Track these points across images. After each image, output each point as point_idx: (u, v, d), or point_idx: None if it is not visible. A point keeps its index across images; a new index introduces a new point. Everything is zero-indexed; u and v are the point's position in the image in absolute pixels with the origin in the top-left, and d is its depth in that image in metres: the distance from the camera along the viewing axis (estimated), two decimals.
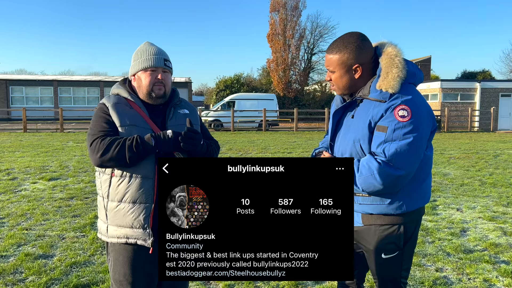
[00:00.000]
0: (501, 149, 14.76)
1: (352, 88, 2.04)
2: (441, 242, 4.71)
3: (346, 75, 2.00)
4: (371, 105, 1.94)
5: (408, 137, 1.84)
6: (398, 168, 1.84)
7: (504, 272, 3.85)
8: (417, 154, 1.88)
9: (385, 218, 1.99)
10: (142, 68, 2.14)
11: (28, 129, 21.99)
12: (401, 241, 2.00)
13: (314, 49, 42.59)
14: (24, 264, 3.95)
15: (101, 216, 2.18)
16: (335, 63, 2.00)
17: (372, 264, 2.09)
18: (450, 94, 28.58)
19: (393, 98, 1.88)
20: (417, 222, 2.07)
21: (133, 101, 2.15)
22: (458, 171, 9.74)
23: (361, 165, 1.90)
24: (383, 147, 1.86)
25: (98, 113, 2.13)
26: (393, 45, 2.00)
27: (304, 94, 41.22)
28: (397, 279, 2.07)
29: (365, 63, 1.99)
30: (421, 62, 40.53)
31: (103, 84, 37.81)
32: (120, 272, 2.11)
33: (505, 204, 6.53)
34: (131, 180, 2.06)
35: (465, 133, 24.16)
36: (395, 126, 1.84)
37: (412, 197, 1.97)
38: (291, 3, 39.56)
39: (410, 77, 1.97)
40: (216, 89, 41.27)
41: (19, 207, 6.07)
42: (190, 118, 2.26)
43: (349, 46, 1.97)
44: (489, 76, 42.96)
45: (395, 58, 1.94)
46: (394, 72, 1.90)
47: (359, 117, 1.98)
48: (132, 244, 2.09)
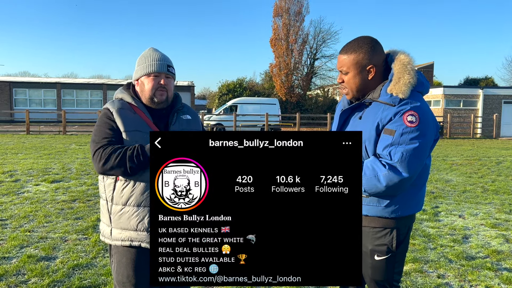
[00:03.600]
0: (503, 156, 14.73)
1: (364, 90, 2.07)
2: (443, 248, 4.71)
3: (360, 75, 2.03)
4: (380, 108, 1.98)
5: (414, 142, 1.88)
6: (402, 172, 1.88)
7: (506, 279, 3.84)
8: (421, 160, 1.92)
9: (379, 221, 2.04)
10: (145, 73, 2.17)
11: (31, 131, 22.06)
12: (394, 243, 2.05)
13: (317, 54, 42.66)
14: (26, 266, 3.96)
15: (104, 219, 2.20)
16: (349, 63, 2.04)
17: (365, 266, 2.12)
18: (452, 100, 28.56)
19: (403, 103, 1.93)
20: (409, 227, 2.12)
21: (137, 106, 2.17)
22: (460, 177, 9.72)
23: (365, 166, 1.93)
24: (389, 149, 1.90)
25: (102, 118, 2.15)
26: (406, 53, 2.05)
27: (307, 99, 41.22)
28: (389, 281, 2.11)
29: (378, 65, 2.04)
30: (424, 68, 40.55)
31: (106, 87, 37.92)
32: (124, 274, 2.13)
33: (507, 211, 6.51)
34: (135, 184, 2.08)
35: (468, 140, 24.11)
36: (403, 131, 1.88)
37: (408, 202, 2.02)
38: (294, 8, 39.67)
39: (419, 86, 2.01)
40: (218, 93, 41.33)
41: (21, 209, 6.09)
42: (192, 124, 2.30)
43: (364, 46, 2.02)
44: (492, 82, 42.93)
45: (407, 65, 1.99)
46: (406, 78, 1.95)
47: (367, 119, 2.01)
48: (136, 246, 2.11)
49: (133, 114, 2.14)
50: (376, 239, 2.05)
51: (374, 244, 2.06)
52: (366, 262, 2.10)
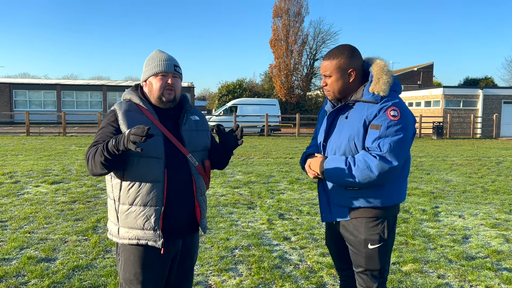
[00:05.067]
0: (503, 156, 14.73)
1: (345, 91, 2.27)
2: (443, 248, 4.71)
3: (342, 78, 2.25)
4: (364, 106, 2.19)
5: (399, 134, 2.11)
6: (391, 161, 2.08)
7: (506, 279, 3.84)
8: (406, 149, 2.16)
9: (371, 211, 2.22)
10: (153, 73, 2.20)
11: (31, 132, 22.06)
12: (386, 232, 2.23)
13: (316, 55, 42.65)
14: (26, 267, 3.96)
15: (111, 218, 2.23)
16: (332, 67, 2.25)
17: (359, 256, 2.26)
18: (452, 100, 28.57)
19: (385, 101, 2.16)
20: (395, 216, 2.31)
21: (145, 107, 2.19)
22: (460, 177, 9.73)
23: (357, 160, 2.12)
24: (378, 142, 2.11)
25: (106, 121, 2.17)
26: (381, 58, 2.30)
27: (306, 100, 41.25)
28: (381, 269, 2.26)
29: (357, 69, 2.26)
30: (423, 68, 40.52)
31: (106, 88, 37.95)
32: (131, 271, 2.16)
33: (507, 211, 6.51)
34: (141, 184, 2.10)
35: (468, 140, 24.12)
36: (388, 124, 2.11)
37: (395, 192, 2.24)
38: (294, 9, 39.71)
39: (394, 86, 2.25)
40: (218, 94, 41.36)
41: (21, 210, 6.09)
42: (200, 124, 2.35)
43: (344, 52, 2.25)
44: (491, 83, 42.95)
45: (384, 68, 2.24)
46: (385, 78, 2.20)
47: (353, 117, 2.21)
48: (143, 245, 2.14)
49: (140, 115, 2.16)
50: (369, 229, 2.22)
51: (367, 234, 2.22)
52: (360, 252, 2.25)
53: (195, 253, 2.40)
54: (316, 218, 5.96)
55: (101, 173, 2.05)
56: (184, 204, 2.19)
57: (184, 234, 2.25)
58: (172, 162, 2.15)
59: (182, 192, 2.17)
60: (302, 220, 5.86)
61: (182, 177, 2.18)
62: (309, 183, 8.65)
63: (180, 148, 2.18)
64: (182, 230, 2.23)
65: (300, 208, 6.54)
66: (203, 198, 2.29)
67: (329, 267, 4.09)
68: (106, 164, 1.99)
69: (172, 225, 2.15)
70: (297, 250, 4.61)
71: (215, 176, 9.23)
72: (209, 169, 2.33)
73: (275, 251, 4.58)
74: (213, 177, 9.10)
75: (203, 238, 4.93)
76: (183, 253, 2.29)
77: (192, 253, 2.35)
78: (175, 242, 2.21)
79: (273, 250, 4.61)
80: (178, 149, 2.18)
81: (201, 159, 2.28)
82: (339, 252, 2.44)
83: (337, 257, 2.49)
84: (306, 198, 7.26)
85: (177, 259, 2.27)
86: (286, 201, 7.02)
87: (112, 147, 1.93)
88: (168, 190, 2.12)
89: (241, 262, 4.25)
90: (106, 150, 1.95)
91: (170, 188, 2.12)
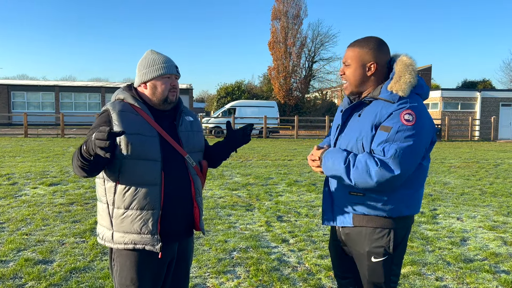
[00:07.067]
0: (501, 159, 14.75)
1: (362, 86, 2.11)
2: (441, 251, 4.71)
3: (360, 70, 2.08)
4: (379, 105, 2.01)
5: (408, 141, 1.90)
6: (393, 169, 1.88)
7: (505, 282, 3.84)
8: (414, 158, 1.94)
9: (376, 221, 2.04)
10: (157, 76, 2.16)
11: (29, 134, 22.02)
12: (391, 246, 2.05)
13: (315, 57, 42.77)
14: (23, 269, 3.95)
15: (104, 223, 2.14)
16: (353, 56, 2.10)
17: (362, 267, 2.13)
18: (450, 103, 28.62)
19: (402, 102, 1.96)
20: (407, 229, 2.13)
21: (140, 107, 2.14)
22: (458, 180, 9.74)
23: (357, 161, 1.95)
24: (383, 146, 1.92)
25: (98, 122, 2.09)
26: (408, 56, 2.10)
27: (305, 102, 41.31)
28: (387, 283, 2.10)
29: (380, 64, 2.08)
30: (422, 71, 40.59)
31: (104, 90, 37.90)
32: (127, 277, 2.11)
33: (505, 213, 6.52)
34: (138, 187, 2.04)
35: (466, 142, 24.16)
36: (398, 128, 1.91)
37: (405, 203, 2.04)
38: (292, 12, 39.81)
39: (418, 88, 2.05)
40: (217, 96, 41.37)
41: (19, 212, 6.07)
42: (194, 125, 2.33)
43: (370, 44, 2.08)
44: (489, 85, 43.04)
45: (409, 66, 2.04)
46: (407, 77, 2.00)
47: (366, 116, 2.05)
48: (140, 249, 2.09)
49: (135, 116, 2.11)
50: (373, 241, 2.06)
51: (371, 246, 2.06)
52: (363, 264, 2.11)
53: (191, 256, 2.37)
54: (314, 220, 5.95)
55: (84, 176, 2.00)
56: (182, 206, 2.16)
57: (181, 237, 2.22)
58: (169, 163, 2.11)
59: (180, 193, 2.14)
60: (301, 222, 5.85)
61: (180, 178, 2.15)
62: (308, 185, 8.65)
63: (177, 149, 2.15)
64: (179, 233, 2.20)
65: (298, 210, 6.54)
66: (200, 199, 2.28)
67: (327, 269, 4.09)
68: (85, 169, 1.94)
69: (169, 228, 2.12)
70: (295, 253, 4.61)
71: (213, 178, 9.22)
72: (206, 169, 2.31)
73: (273, 253, 4.57)
74: (211, 179, 9.10)
75: (201, 240, 4.92)
76: (179, 256, 2.26)
77: (188, 256, 2.33)
78: (172, 246, 2.18)
79: (271, 252, 4.60)
80: (175, 150, 2.15)
81: (197, 160, 2.26)
82: (340, 259, 2.34)
83: (337, 263, 2.38)
84: (304, 200, 7.26)
85: (173, 262, 2.24)
86: (284, 203, 7.02)
87: (84, 152, 1.87)
88: (166, 192, 2.08)
89: (239, 264, 4.24)
90: (80, 154, 1.90)
91: (168, 190, 2.09)
